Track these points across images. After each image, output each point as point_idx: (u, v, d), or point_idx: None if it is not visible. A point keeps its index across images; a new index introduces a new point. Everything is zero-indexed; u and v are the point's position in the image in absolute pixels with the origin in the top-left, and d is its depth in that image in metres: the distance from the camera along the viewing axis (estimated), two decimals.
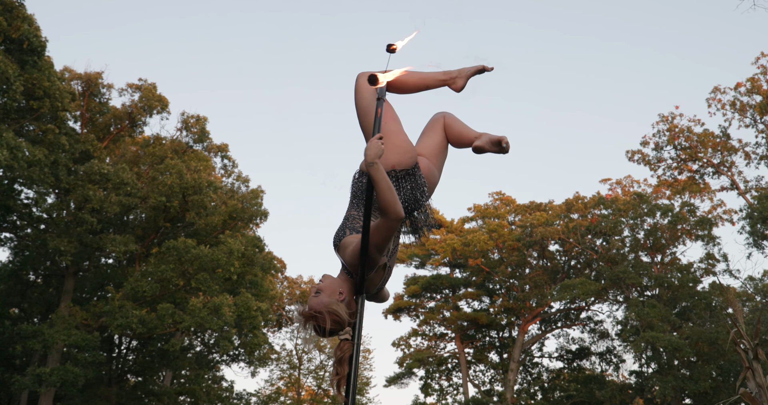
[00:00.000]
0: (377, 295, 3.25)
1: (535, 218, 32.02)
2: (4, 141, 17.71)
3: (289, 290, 37.70)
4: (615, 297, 31.41)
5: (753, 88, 27.72)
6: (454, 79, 3.47)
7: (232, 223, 24.28)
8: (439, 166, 3.37)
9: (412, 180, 3.22)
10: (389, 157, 3.19)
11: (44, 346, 20.53)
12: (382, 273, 3.13)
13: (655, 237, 29.49)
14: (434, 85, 3.50)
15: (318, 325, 3.03)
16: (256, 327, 23.48)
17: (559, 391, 32.71)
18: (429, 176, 3.29)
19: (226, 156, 27.04)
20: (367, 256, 2.97)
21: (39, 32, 19.04)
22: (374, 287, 3.17)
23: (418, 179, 3.23)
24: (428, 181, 3.28)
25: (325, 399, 38.11)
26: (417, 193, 3.22)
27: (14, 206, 21.74)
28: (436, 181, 3.33)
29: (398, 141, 3.24)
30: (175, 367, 26.79)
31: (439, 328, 35.49)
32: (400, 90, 3.49)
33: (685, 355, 25.58)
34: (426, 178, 3.27)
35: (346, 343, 3.02)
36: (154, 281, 21.58)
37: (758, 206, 25.21)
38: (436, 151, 3.38)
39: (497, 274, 33.27)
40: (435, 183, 3.33)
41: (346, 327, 3.05)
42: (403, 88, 3.47)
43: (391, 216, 2.87)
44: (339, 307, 3.02)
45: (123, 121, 24.39)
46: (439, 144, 3.41)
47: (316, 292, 3.08)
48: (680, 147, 29.82)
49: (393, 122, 3.32)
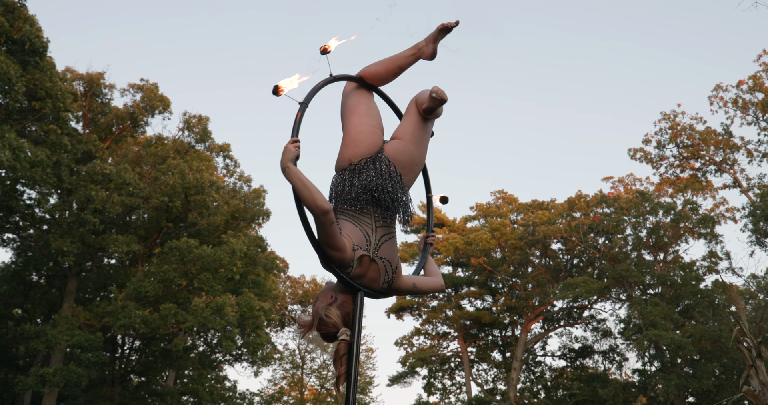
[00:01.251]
0: (396, 288, 3.31)
1: (537, 217, 31.99)
2: (7, 142, 17.73)
3: (292, 290, 37.71)
4: (618, 295, 31.38)
5: (755, 86, 27.67)
6: (421, 49, 3.50)
7: (234, 223, 24.29)
8: (417, 140, 3.38)
9: (374, 167, 3.24)
10: (344, 152, 3.30)
11: (47, 346, 20.56)
12: (373, 265, 3.18)
13: (658, 235, 29.45)
14: (406, 62, 3.53)
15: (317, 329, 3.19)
16: (258, 327, 23.50)
17: (562, 390, 32.69)
18: (399, 155, 3.31)
19: (228, 156, 27.06)
20: (324, 254, 3.05)
21: (41, 33, 19.06)
22: (377, 282, 3.21)
23: (380, 165, 3.25)
24: (400, 160, 3.30)
25: (328, 398, 38.12)
26: (380, 178, 3.22)
27: (17, 207, 21.78)
28: (413, 156, 3.35)
29: (353, 135, 3.32)
30: (178, 367, 26.82)
31: (441, 327, 35.49)
32: (376, 81, 3.56)
33: (688, 353, 25.55)
34: (395, 158, 3.29)
35: (342, 342, 3.08)
36: (156, 281, 21.60)
37: (761, 204, 25.16)
38: (411, 128, 3.41)
39: (500, 273, 33.25)
40: (413, 158, 3.34)
41: (342, 328, 3.11)
42: (378, 78, 3.54)
43: (315, 211, 2.94)
44: (329, 310, 3.11)
45: (125, 122, 24.41)
46: (415, 122, 3.43)
47: (314, 300, 3.26)
48: (682, 145, 29.78)
49: (356, 117, 3.40)
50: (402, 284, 3.34)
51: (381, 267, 3.20)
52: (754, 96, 27.84)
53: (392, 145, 3.35)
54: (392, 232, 3.27)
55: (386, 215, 3.26)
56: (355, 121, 3.39)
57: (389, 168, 3.26)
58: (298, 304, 38.04)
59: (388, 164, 3.27)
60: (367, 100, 3.53)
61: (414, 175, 3.38)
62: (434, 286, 3.58)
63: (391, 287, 3.29)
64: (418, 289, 3.44)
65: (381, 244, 3.21)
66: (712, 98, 28.69)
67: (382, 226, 3.24)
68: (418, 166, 3.37)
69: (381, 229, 3.23)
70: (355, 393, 3.09)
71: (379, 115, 3.54)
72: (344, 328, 3.12)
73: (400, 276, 3.31)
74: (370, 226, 3.21)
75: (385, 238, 3.23)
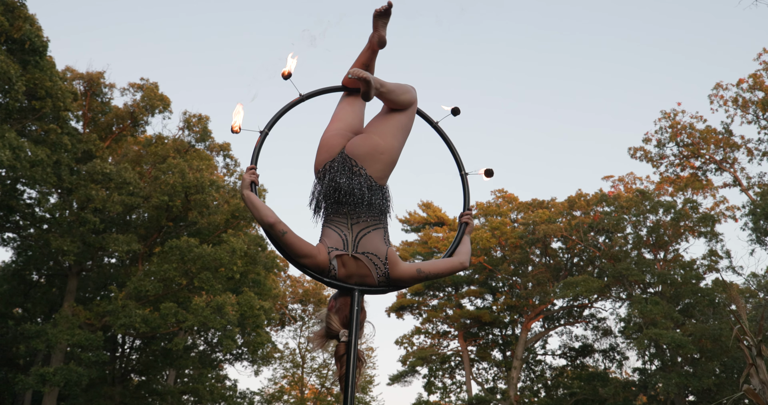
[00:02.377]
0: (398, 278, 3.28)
1: (537, 216, 31.98)
2: (7, 141, 17.73)
3: (292, 289, 37.71)
4: (618, 294, 31.37)
5: (755, 84, 27.64)
6: (370, 40, 3.53)
7: (234, 222, 24.29)
8: (381, 129, 3.39)
9: (334, 168, 3.32)
10: (316, 160, 3.44)
11: (48, 345, 20.57)
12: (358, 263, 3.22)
13: (658, 234, 29.44)
14: (366, 56, 3.57)
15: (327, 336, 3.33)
16: (259, 326, 23.50)
17: (563, 389, 32.70)
18: (357, 149, 3.32)
19: (228, 155, 27.07)
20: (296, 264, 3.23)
21: (41, 32, 19.06)
22: (371, 278, 3.25)
23: (336, 165, 3.32)
24: (358, 153, 3.30)
25: (328, 397, 38.14)
26: (336, 176, 3.29)
27: (17, 206, 21.78)
28: (376, 145, 3.32)
29: (320, 143, 3.45)
30: (178, 366, 26.82)
31: (442, 326, 35.50)
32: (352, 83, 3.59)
33: (689, 352, 25.54)
34: (353, 152, 3.31)
35: (342, 344, 3.18)
36: (157, 280, 21.61)
37: (761, 202, 25.15)
38: (374, 120, 3.48)
39: (500, 272, 33.24)
40: (375, 147, 3.32)
41: (341, 329, 3.21)
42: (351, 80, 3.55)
43: (263, 226, 3.19)
44: (329, 317, 3.24)
45: (125, 121, 24.41)
46: (382, 114, 3.49)
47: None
48: (682, 144, 29.76)
49: (329, 124, 3.54)
50: (403, 273, 3.26)
51: (367, 262, 3.20)
52: (754, 94, 27.82)
53: (352, 141, 3.38)
54: (372, 225, 3.26)
55: (355, 211, 3.27)
56: (326, 128, 3.51)
57: (342, 163, 3.31)
58: (298, 304, 38.06)
59: (342, 160, 3.31)
60: (345, 104, 3.61)
61: (383, 164, 3.31)
62: (448, 266, 3.40)
63: (391, 279, 3.25)
64: (426, 273, 3.30)
65: (359, 240, 3.22)
66: (713, 97, 28.67)
67: (357, 222, 3.25)
68: (384, 155, 3.30)
69: (357, 225, 3.25)
70: (354, 392, 3.10)
71: (355, 115, 3.58)
72: (343, 330, 3.18)
73: (398, 265, 3.24)
74: (345, 225, 3.26)
75: (363, 233, 3.24)
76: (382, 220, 3.31)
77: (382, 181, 3.34)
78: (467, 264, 3.44)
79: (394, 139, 3.36)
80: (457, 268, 3.43)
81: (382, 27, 3.47)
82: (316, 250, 3.18)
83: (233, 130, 3.40)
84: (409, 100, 3.44)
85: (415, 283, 3.33)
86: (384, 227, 3.30)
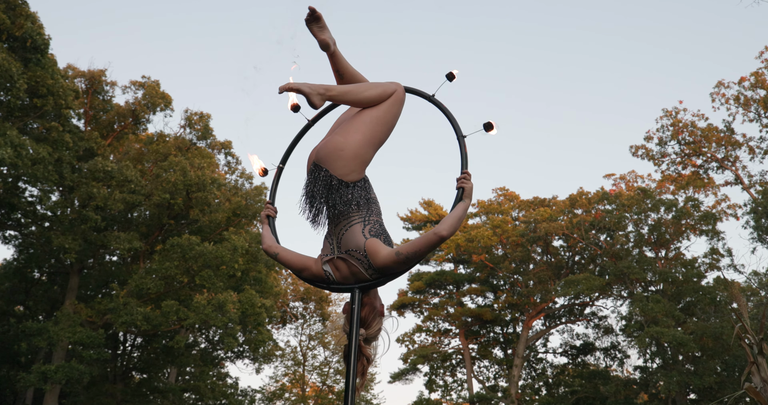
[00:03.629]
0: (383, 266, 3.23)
1: (538, 214, 31.98)
2: (8, 139, 17.74)
3: (293, 287, 37.73)
4: (619, 292, 31.36)
5: (757, 83, 27.60)
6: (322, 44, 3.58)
7: (235, 220, 24.30)
8: (344, 128, 3.38)
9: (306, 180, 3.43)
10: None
11: (49, 343, 20.60)
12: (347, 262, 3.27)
13: (659, 232, 29.44)
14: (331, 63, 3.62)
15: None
16: (260, 323, 23.51)
17: (564, 387, 32.70)
18: (319, 151, 3.34)
19: (230, 153, 27.08)
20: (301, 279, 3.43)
21: (42, 30, 19.06)
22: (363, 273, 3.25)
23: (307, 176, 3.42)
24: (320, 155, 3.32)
25: (329, 395, 38.17)
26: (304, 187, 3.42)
27: (18, 204, 21.79)
28: (336, 144, 3.31)
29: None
30: (179, 364, 26.85)
31: (443, 324, 35.50)
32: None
33: (690, 350, 25.54)
34: (316, 157, 3.34)
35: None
36: (158, 278, 21.63)
37: (762, 201, 25.13)
38: (344, 120, 3.50)
39: (501, 270, 33.25)
40: (335, 146, 3.30)
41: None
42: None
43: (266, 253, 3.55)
44: (344, 323, 3.34)
45: (126, 119, 24.42)
46: (350, 113, 3.55)
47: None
48: (684, 142, 29.73)
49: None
50: (385, 260, 3.14)
51: (353, 260, 3.21)
52: (756, 93, 27.78)
53: (316, 147, 3.44)
54: (349, 223, 3.27)
55: (327, 215, 3.36)
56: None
57: (311, 172, 3.38)
58: (299, 301, 38.09)
59: (311, 169, 3.38)
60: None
61: (345, 160, 3.27)
62: (424, 241, 3.11)
63: (378, 269, 3.19)
64: (406, 253, 3.11)
65: (341, 240, 3.27)
66: (714, 95, 28.63)
67: (336, 224, 3.32)
68: (345, 151, 3.26)
69: (336, 227, 3.31)
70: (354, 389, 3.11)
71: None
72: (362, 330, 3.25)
73: (378, 254, 3.16)
74: (331, 230, 3.35)
75: (342, 233, 3.28)
76: (361, 213, 3.28)
77: (350, 177, 3.29)
78: (444, 233, 3.07)
79: (357, 132, 3.31)
80: (432, 240, 3.08)
81: (318, 31, 3.49)
82: (311, 262, 3.33)
83: (260, 174, 3.64)
84: (377, 96, 3.38)
85: (403, 267, 3.16)
86: (363, 221, 3.26)
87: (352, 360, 3.12)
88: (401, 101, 3.46)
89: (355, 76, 3.61)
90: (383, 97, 3.40)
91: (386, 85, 3.44)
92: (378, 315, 3.30)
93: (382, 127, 3.38)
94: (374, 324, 3.27)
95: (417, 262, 3.16)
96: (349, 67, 3.62)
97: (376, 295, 3.33)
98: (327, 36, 3.51)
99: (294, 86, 3.21)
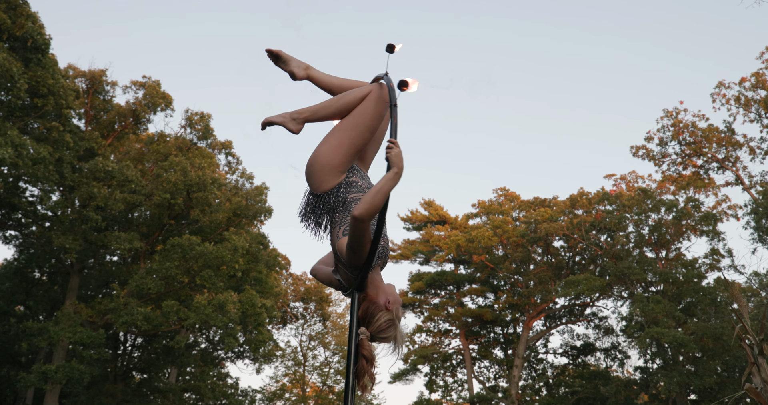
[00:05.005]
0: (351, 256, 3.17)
1: (539, 214, 31.97)
2: (9, 139, 17.75)
3: (294, 287, 37.74)
4: (619, 293, 31.35)
5: (758, 83, 27.59)
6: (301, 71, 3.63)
7: (236, 220, 24.30)
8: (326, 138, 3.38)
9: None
10: None
11: (50, 343, 20.61)
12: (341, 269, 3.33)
13: (660, 232, 29.42)
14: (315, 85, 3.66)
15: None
16: (260, 324, 23.51)
17: (564, 387, 32.70)
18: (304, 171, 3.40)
19: (230, 153, 27.07)
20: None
21: (43, 30, 19.07)
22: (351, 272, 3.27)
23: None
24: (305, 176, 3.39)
25: (329, 395, 38.17)
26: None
27: (19, 204, 21.80)
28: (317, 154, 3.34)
29: None
30: (180, 364, 26.86)
31: (443, 325, 35.51)
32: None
33: (690, 350, 25.53)
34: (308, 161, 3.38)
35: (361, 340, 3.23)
36: (158, 278, 21.63)
37: (763, 201, 25.11)
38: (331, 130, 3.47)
39: (501, 270, 33.24)
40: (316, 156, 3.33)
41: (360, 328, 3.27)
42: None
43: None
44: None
45: (127, 119, 24.43)
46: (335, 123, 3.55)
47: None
48: (685, 142, 29.72)
49: None
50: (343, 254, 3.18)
51: (338, 263, 3.29)
52: (756, 93, 27.76)
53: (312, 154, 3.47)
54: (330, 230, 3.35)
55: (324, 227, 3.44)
56: None
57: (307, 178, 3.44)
58: (299, 302, 38.09)
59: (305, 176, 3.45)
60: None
61: (316, 173, 3.32)
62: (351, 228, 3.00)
63: (350, 262, 3.16)
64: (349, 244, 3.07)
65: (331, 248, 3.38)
66: (715, 95, 28.61)
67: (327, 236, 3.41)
68: (314, 165, 3.33)
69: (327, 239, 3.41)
70: (354, 389, 3.11)
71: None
72: (362, 328, 3.23)
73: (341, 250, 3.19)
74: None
75: (329, 241, 3.37)
76: (339, 216, 3.30)
77: (323, 187, 3.33)
78: (356, 212, 2.92)
79: (324, 143, 3.35)
80: (351, 223, 2.98)
81: (283, 66, 3.57)
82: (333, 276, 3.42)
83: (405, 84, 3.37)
84: (352, 102, 3.39)
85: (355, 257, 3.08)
86: (340, 222, 3.28)
87: (352, 360, 3.13)
88: (377, 99, 3.38)
89: (343, 87, 3.60)
90: (357, 101, 3.40)
91: (360, 90, 3.42)
92: (379, 310, 3.25)
93: (351, 132, 3.35)
94: (375, 320, 3.24)
95: (365, 251, 3.05)
96: (333, 81, 3.62)
97: (378, 292, 3.24)
98: (292, 67, 3.57)
99: (267, 121, 3.35)
